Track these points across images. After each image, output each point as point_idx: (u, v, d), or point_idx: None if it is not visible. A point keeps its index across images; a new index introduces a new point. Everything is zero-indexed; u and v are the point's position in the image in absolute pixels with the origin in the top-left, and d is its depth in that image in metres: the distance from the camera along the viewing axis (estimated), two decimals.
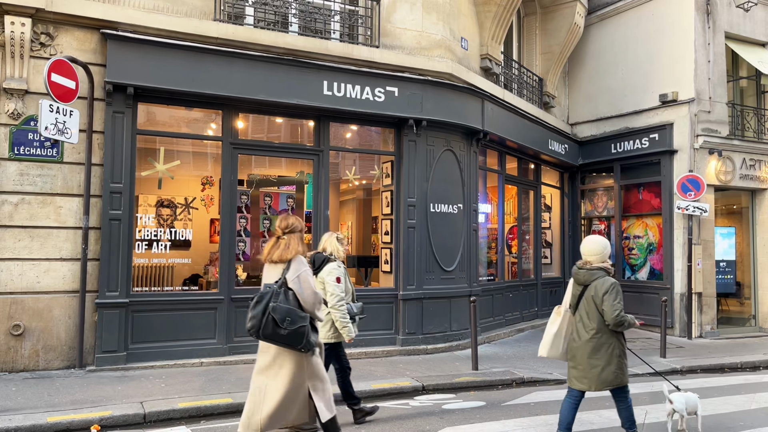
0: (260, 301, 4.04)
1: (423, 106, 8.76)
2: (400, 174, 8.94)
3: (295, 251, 4.22)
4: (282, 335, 4.00)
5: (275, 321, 3.96)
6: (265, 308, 4.00)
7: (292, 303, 4.07)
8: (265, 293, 4.07)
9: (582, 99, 13.77)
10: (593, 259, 4.78)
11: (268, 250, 4.31)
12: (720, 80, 11.79)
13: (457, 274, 9.38)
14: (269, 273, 4.29)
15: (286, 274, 4.15)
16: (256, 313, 4.02)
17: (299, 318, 4.03)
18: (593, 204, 13.64)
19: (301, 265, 4.21)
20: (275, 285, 4.11)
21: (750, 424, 5.70)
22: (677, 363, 8.70)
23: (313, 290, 4.19)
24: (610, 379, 4.69)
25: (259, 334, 4.05)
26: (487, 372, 7.67)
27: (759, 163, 12.18)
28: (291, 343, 4.05)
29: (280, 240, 4.29)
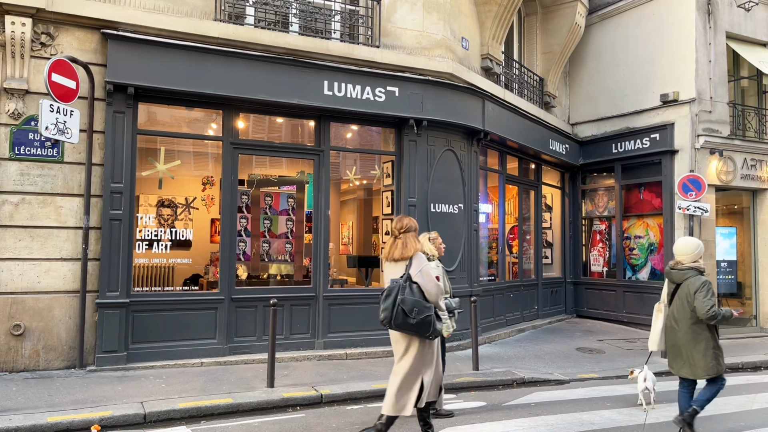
0: (389, 294, 4.54)
1: (423, 106, 8.75)
2: (401, 174, 8.93)
3: (414, 249, 4.71)
4: (411, 324, 4.46)
5: (404, 312, 4.44)
6: (394, 301, 4.49)
7: (417, 295, 4.52)
8: (393, 288, 4.56)
9: (583, 99, 13.76)
10: (684, 259, 5.08)
11: (389, 250, 4.85)
12: (721, 80, 11.77)
13: (457, 274, 9.37)
14: (391, 270, 4.80)
15: (410, 269, 4.63)
16: (387, 306, 4.51)
17: (425, 308, 4.48)
18: (594, 204, 13.63)
19: (422, 260, 4.69)
20: (401, 280, 4.58)
21: (751, 424, 5.69)
22: None
23: (436, 283, 4.65)
24: (708, 368, 4.97)
25: (391, 324, 4.54)
26: (488, 372, 7.66)
27: (760, 163, 12.16)
28: (419, 332, 4.51)
29: (398, 239, 4.79)
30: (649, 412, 6.03)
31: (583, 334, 11.29)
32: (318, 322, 8.29)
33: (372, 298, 8.70)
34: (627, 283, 12.49)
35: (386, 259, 4.89)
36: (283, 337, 8.04)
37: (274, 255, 9.11)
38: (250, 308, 7.91)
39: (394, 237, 4.87)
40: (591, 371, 8.15)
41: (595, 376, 7.93)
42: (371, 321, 8.56)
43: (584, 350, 9.66)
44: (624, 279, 12.58)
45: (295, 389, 6.43)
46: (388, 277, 4.82)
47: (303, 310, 8.25)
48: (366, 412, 5.92)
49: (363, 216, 12.93)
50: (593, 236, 13.61)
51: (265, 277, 9.09)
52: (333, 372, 7.37)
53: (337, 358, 8.11)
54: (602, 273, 13.27)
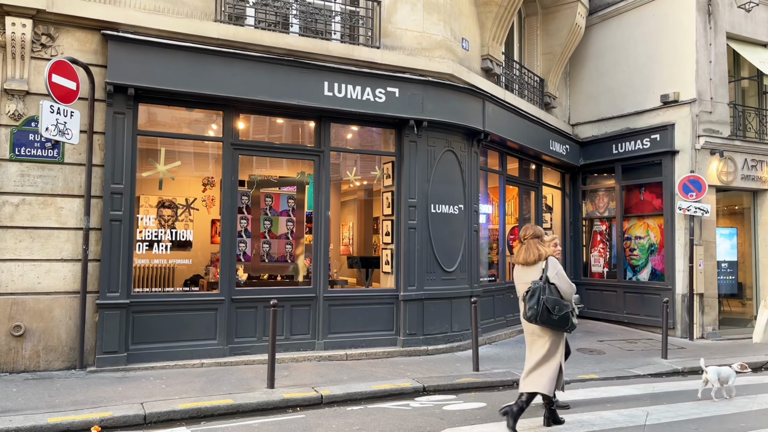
0: (533, 294, 5.10)
1: (424, 106, 8.75)
2: (401, 174, 8.93)
3: (546, 253, 5.30)
4: (554, 320, 5.07)
5: (548, 309, 5.02)
6: (538, 300, 5.05)
7: (555, 295, 5.08)
8: (536, 288, 5.11)
9: (583, 99, 13.76)
10: None
11: (520, 254, 5.42)
12: (721, 81, 11.77)
13: (458, 275, 9.37)
14: (523, 272, 5.37)
15: (547, 272, 5.19)
16: (533, 304, 5.08)
17: (564, 306, 5.08)
18: (594, 204, 13.62)
19: (557, 264, 5.27)
20: (540, 282, 5.12)
21: (751, 425, 5.68)
22: (679, 364, 8.67)
23: (570, 284, 5.23)
24: None
25: (537, 320, 5.11)
26: (488, 373, 7.66)
27: (760, 164, 12.16)
28: (560, 326, 5.14)
29: (523, 245, 5.41)
30: (650, 414, 6.02)
31: (583, 334, 11.27)
32: (318, 322, 8.29)
33: (372, 299, 8.74)
34: (627, 284, 12.49)
35: (516, 263, 5.51)
36: (284, 337, 8.05)
37: (275, 256, 9.12)
38: (251, 309, 7.92)
39: (521, 243, 5.49)
40: (591, 372, 8.14)
41: (595, 377, 7.92)
42: (371, 322, 8.60)
43: (585, 351, 9.65)
44: (624, 280, 12.58)
45: (296, 390, 6.43)
46: (519, 278, 5.43)
47: (303, 310, 8.25)
48: (366, 413, 5.91)
49: (364, 217, 12.94)
50: (594, 237, 13.61)
51: (266, 277, 9.10)
52: (333, 373, 7.37)
53: (338, 358, 8.11)
54: (603, 274, 13.26)
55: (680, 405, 6.44)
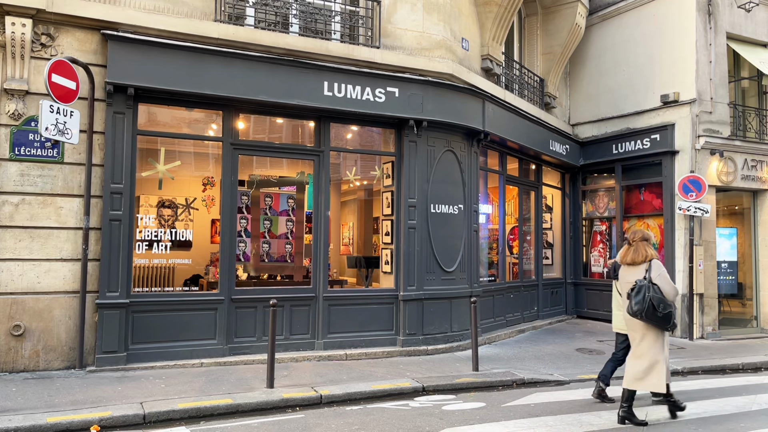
0: (639, 291, 5.43)
1: (423, 106, 8.75)
2: (401, 174, 8.93)
3: (651, 255, 5.65)
4: (658, 317, 5.38)
5: (654, 306, 5.34)
6: (644, 297, 5.37)
7: (659, 294, 5.42)
8: (641, 286, 5.44)
9: (583, 99, 13.76)
10: None
11: (627, 255, 5.77)
12: (721, 81, 11.77)
13: (457, 275, 9.37)
14: (629, 272, 5.73)
15: (650, 273, 5.53)
16: (639, 300, 5.39)
17: (668, 305, 5.41)
18: (594, 205, 13.62)
19: (660, 266, 5.62)
20: (645, 281, 5.47)
21: (751, 425, 5.68)
22: (679, 364, 8.66)
23: (673, 285, 5.57)
24: None
25: (643, 316, 5.41)
26: (488, 373, 7.66)
27: (760, 164, 12.15)
28: (662, 323, 5.46)
29: (631, 246, 5.75)
30: (650, 413, 6.02)
31: (583, 334, 11.28)
32: (318, 322, 8.30)
33: (372, 299, 8.74)
34: None
35: (622, 263, 5.87)
36: (283, 337, 8.05)
37: (275, 255, 9.13)
38: (250, 309, 7.92)
39: (628, 244, 5.84)
40: (591, 372, 8.12)
41: (594, 376, 7.86)
42: (371, 321, 8.60)
43: (584, 351, 9.65)
44: None
45: (295, 390, 6.43)
46: (623, 277, 5.81)
47: (303, 310, 8.25)
48: (366, 413, 5.91)
49: (364, 216, 12.95)
50: (594, 237, 13.61)
51: (265, 277, 9.11)
52: (333, 373, 7.37)
53: (337, 358, 8.11)
54: (603, 274, 13.26)
55: None
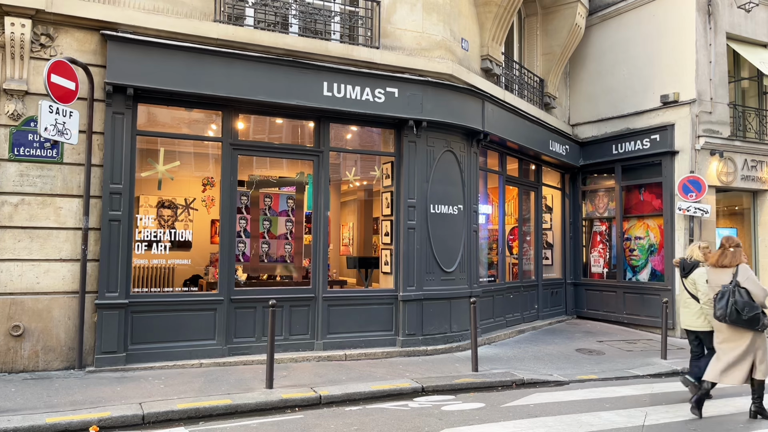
0: (723, 297, 5.79)
1: (423, 106, 8.75)
2: (400, 175, 8.93)
3: (740, 260, 5.94)
4: (744, 320, 5.68)
5: (737, 311, 5.65)
6: (727, 302, 5.72)
7: (745, 297, 5.70)
8: (725, 291, 5.79)
9: (583, 100, 13.76)
10: None
11: (719, 258, 6.05)
12: (721, 81, 11.76)
13: (457, 275, 9.37)
14: (718, 275, 6.04)
15: (737, 277, 5.83)
16: (722, 305, 5.76)
17: (754, 308, 5.65)
18: (594, 205, 13.62)
19: (748, 270, 5.88)
20: (730, 285, 5.79)
21: (749, 426, 5.67)
22: (678, 365, 8.66)
23: (762, 288, 5.79)
24: None
25: (726, 320, 5.76)
26: (487, 373, 7.65)
27: (760, 164, 12.15)
28: (750, 325, 5.71)
29: (727, 251, 6.02)
30: (649, 414, 6.02)
31: (583, 335, 11.27)
32: (317, 323, 8.29)
33: (372, 299, 8.74)
34: (627, 284, 12.48)
35: (713, 266, 6.14)
36: (282, 338, 8.05)
37: (274, 256, 9.12)
38: (250, 309, 7.92)
39: (723, 249, 6.11)
40: (591, 372, 8.14)
41: (594, 377, 7.91)
42: (371, 322, 8.60)
43: (584, 351, 9.65)
44: (624, 280, 12.57)
45: (294, 390, 6.42)
46: (713, 279, 6.12)
47: (302, 311, 8.25)
48: (365, 413, 5.91)
49: (364, 217, 12.95)
50: (593, 237, 13.60)
51: (265, 278, 9.10)
52: (332, 373, 7.37)
53: (337, 359, 8.11)
54: (602, 274, 13.26)
55: (679, 406, 6.43)
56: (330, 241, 12.54)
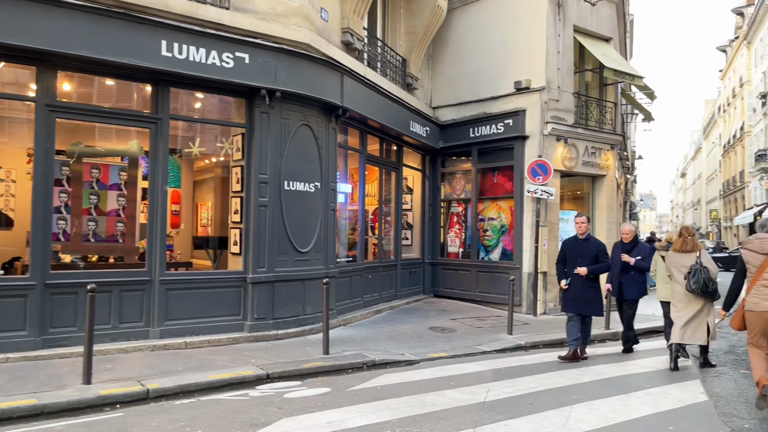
0: (695, 274, 7.00)
1: (277, 75, 8.19)
2: (252, 148, 8.33)
3: (700, 245, 7.30)
4: (709, 291, 7.00)
5: (706, 284, 6.95)
6: (698, 278, 6.96)
7: (708, 275, 6.98)
8: (696, 270, 7.01)
9: (444, 83, 13.93)
10: None
11: (682, 244, 7.27)
12: (568, 71, 12.44)
13: (312, 256, 9.00)
14: (682, 258, 7.25)
15: (701, 259, 7.10)
16: (696, 280, 6.96)
17: (715, 282, 7.02)
18: (452, 187, 13.92)
19: (707, 253, 7.27)
20: (697, 265, 7.04)
21: (581, 397, 5.93)
22: (522, 339, 9.04)
23: (716, 267, 7.20)
24: None
25: (699, 291, 6.98)
26: (338, 356, 7.40)
27: (599, 151, 13.09)
28: (711, 296, 7.09)
29: (687, 239, 7.27)
30: (491, 390, 6.09)
31: (438, 313, 11.47)
32: (153, 308, 7.50)
33: (218, 282, 8.14)
34: (480, 264, 12.93)
35: (678, 251, 7.32)
36: (111, 326, 7.18)
37: (103, 235, 8.12)
38: (70, 295, 6.93)
39: (683, 237, 7.33)
40: (441, 350, 8.20)
41: (444, 354, 7.97)
42: (216, 306, 8.00)
43: (437, 329, 9.77)
44: (478, 259, 13.00)
45: (117, 385, 5.68)
46: (678, 261, 7.29)
47: (135, 296, 7.41)
48: (197, 407, 5.36)
49: (222, 195, 12.08)
50: (451, 218, 13.92)
51: (95, 259, 8.09)
52: (167, 363, 6.69)
53: (175, 347, 7.40)
54: (458, 254, 13.63)
55: (520, 380, 6.61)
56: (180, 221, 11.67)
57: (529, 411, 5.37)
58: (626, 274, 8.40)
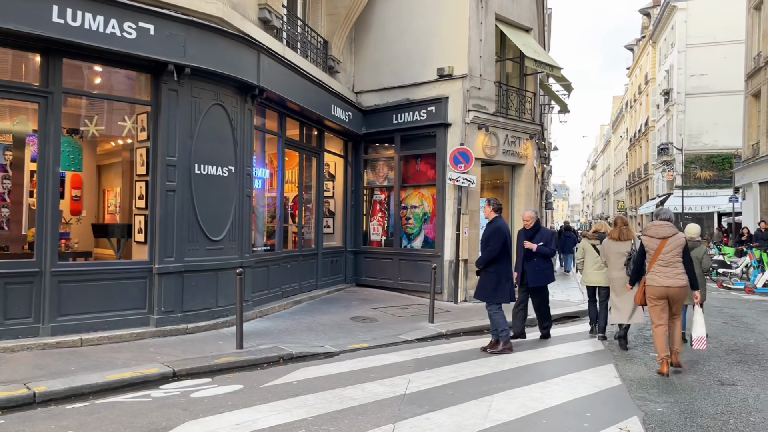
0: (634, 260, 7.38)
1: (186, 50, 7.59)
2: (158, 128, 7.69)
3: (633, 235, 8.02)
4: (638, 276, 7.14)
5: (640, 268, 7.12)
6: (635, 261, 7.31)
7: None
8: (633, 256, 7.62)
9: (368, 67, 13.63)
10: (695, 236, 8.42)
11: (619, 234, 7.97)
12: (489, 59, 12.48)
13: (226, 244, 8.49)
14: (618, 246, 7.96)
15: (635, 246, 7.71)
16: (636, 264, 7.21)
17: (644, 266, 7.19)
18: (375, 174, 13.69)
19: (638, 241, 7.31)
20: (633, 252, 7.72)
21: (500, 386, 5.87)
22: (443, 327, 8.97)
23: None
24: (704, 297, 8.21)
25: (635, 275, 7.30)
26: (253, 350, 6.99)
27: (519, 140, 13.26)
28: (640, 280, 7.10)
29: (622, 228, 8.01)
30: (412, 381, 5.92)
31: (360, 303, 11.24)
32: (44, 303, 6.77)
33: (120, 273, 7.52)
34: (403, 252, 12.81)
35: (615, 239, 8.00)
36: None
37: None
38: None
39: (618, 227, 8.09)
40: (362, 341, 7.97)
41: (365, 345, 7.74)
42: (118, 300, 7.37)
43: (358, 319, 9.53)
44: (400, 247, 12.88)
45: None
46: (614, 249, 7.99)
47: (23, 289, 6.65)
48: (90, 411, 4.83)
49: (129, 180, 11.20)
50: (374, 206, 13.70)
51: None
52: (59, 363, 6.05)
53: (69, 345, 6.71)
54: (381, 242, 13.45)
55: (441, 369, 6.49)
56: (82, 208, 10.73)
57: (450, 402, 5.23)
58: (529, 261, 8.31)
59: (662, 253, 6.60)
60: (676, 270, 6.55)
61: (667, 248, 6.58)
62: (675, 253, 6.56)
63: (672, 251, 6.57)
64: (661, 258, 6.61)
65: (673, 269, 6.56)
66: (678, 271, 6.55)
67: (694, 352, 7.80)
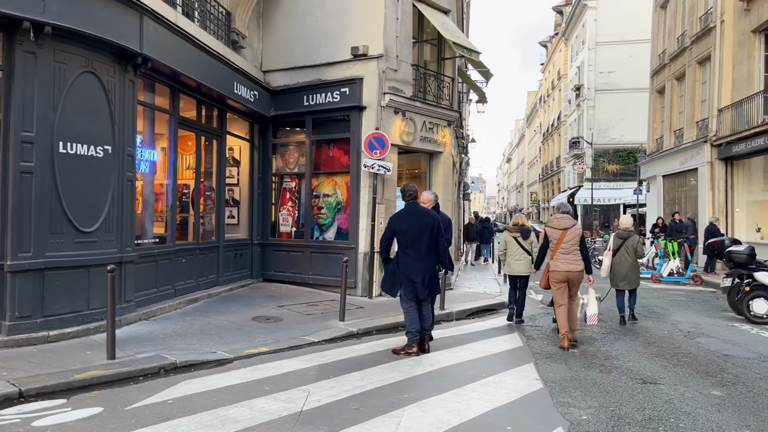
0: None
1: (46, 5, 6.32)
2: (11, 97, 6.39)
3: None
4: None
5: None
6: None
7: None
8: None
9: (277, 44, 12.57)
10: (628, 226, 9.13)
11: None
12: (407, 40, 11.80)
13: (101, 237, 7.29)
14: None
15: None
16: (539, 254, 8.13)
17: None
18: (285, 160, 12.70)
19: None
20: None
21: (414, 395, 5.19)
22: (354, 326, 8.21)
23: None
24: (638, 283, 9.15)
25: None
26: (128, 360, 5.93)
27: (437, 127, 12.71)
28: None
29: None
30: (312, 394, 5.12)
31: (264, 300, 10.28)
32: None
33: None
34: (314, 244, 11.94)
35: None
36: None
37: None
38: None
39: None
40: (262, 344, 7.07)
41: (265, 350, 6.84)
42: None
43: (261, 319, 8.59)
44: (312, 239, 12.00)
45: None
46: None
47: None
48: None
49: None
50: (283, 194, 12.73)
51: None
52: None
53: None
54: (291, 233, 12.51)
55: (347, 377, 5.73)
56: None
57: (353, 420, 4.46)
58: None
59: (563, 242, 7.45)
60: (575, 257, 7.44)
61: (567, 238, 7.44)
62: (574, 242, 7.46)
63: (571, 240, 7.46)
64: (563, 247, 7.47)
65: (572, 256, 7.44)
66: (576, 257, 7.45)
67: (614, 346, 7.51)
